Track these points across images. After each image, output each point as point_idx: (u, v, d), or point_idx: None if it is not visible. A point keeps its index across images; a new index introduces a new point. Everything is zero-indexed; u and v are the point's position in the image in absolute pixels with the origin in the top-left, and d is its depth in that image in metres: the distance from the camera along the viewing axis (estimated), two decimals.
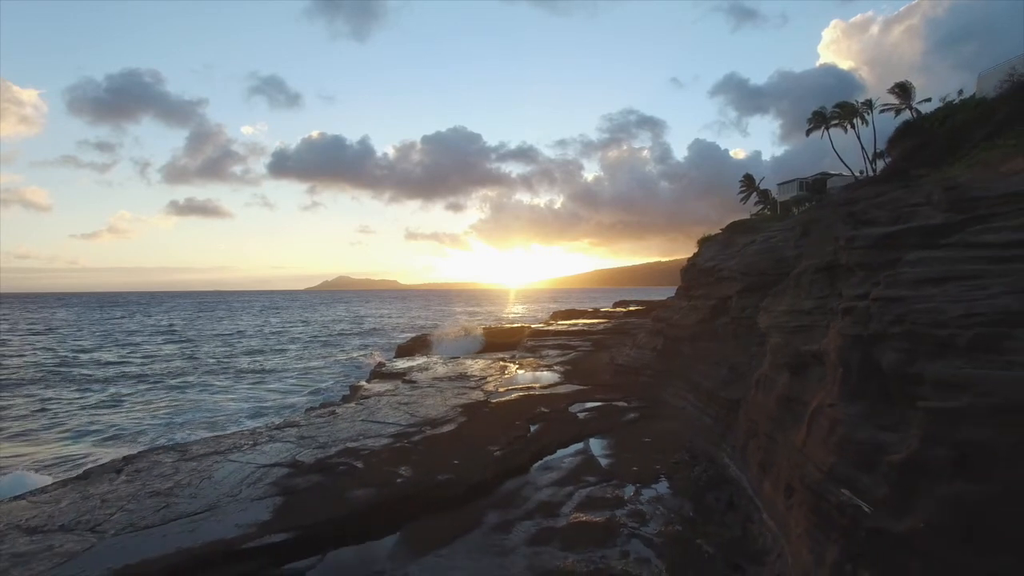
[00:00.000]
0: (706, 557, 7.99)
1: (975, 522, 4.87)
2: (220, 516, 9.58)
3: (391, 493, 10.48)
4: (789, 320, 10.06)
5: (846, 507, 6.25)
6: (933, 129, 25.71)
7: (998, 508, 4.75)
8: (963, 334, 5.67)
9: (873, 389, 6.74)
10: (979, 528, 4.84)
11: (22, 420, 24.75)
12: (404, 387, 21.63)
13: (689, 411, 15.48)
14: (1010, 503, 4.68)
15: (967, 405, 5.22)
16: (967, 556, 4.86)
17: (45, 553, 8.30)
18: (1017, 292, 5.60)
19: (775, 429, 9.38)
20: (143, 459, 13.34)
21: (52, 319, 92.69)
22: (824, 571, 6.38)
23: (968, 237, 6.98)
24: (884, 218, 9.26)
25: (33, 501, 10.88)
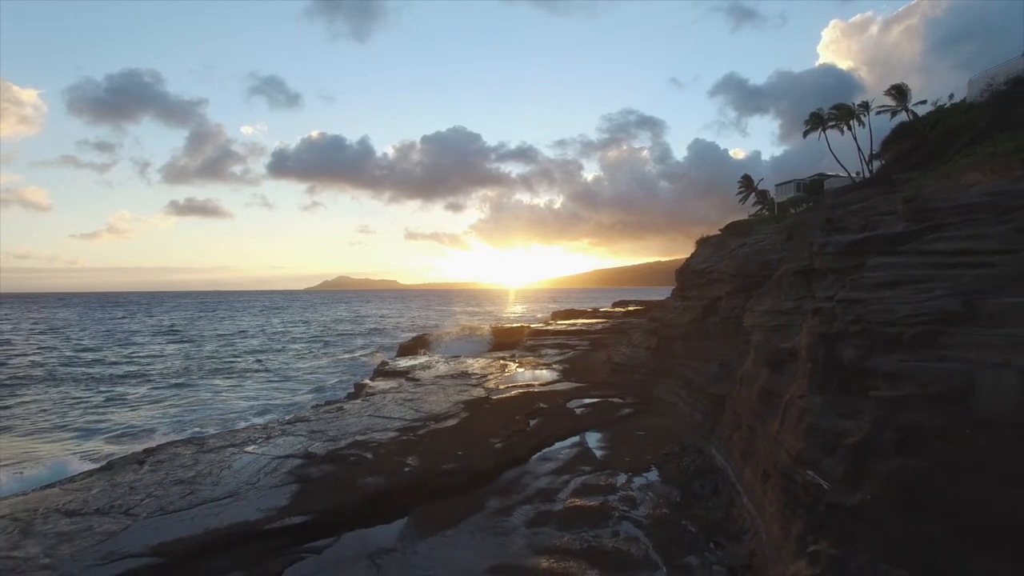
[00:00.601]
0: (690, 536, 8.77)
1: (912, 493, 5.65)
2: (242, 501, 10.34)
3: (399, 481, 11.27)
4: (769, 320, 10.84)
5: (810, 486, 7.03)
6: (925, 132, 26.47)
7: (931, 481, 5.53)
8: (908, 332, 6.45)
9: (836, 382, 7.51)
10: (915, 498, 5.62)
11: (31, 419, 25.15)
12: (408, 385, 22.40)
13: (681, 407, 16.25)
14: (940, 476, 5.46)
15: (908, 394, 6.01)
16: (906, 523, 5.64)
17: (86, 532, 9.06)
18: (955, 294, 6.38)
19: (756, 421, 10.15)
20: (163, 451, 14.10)
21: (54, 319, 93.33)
22: (791, 544, 7.16)
23: (922, 245, 7.77)
24: (855, 225, 10.05)
25: (65, 488, 11.64)
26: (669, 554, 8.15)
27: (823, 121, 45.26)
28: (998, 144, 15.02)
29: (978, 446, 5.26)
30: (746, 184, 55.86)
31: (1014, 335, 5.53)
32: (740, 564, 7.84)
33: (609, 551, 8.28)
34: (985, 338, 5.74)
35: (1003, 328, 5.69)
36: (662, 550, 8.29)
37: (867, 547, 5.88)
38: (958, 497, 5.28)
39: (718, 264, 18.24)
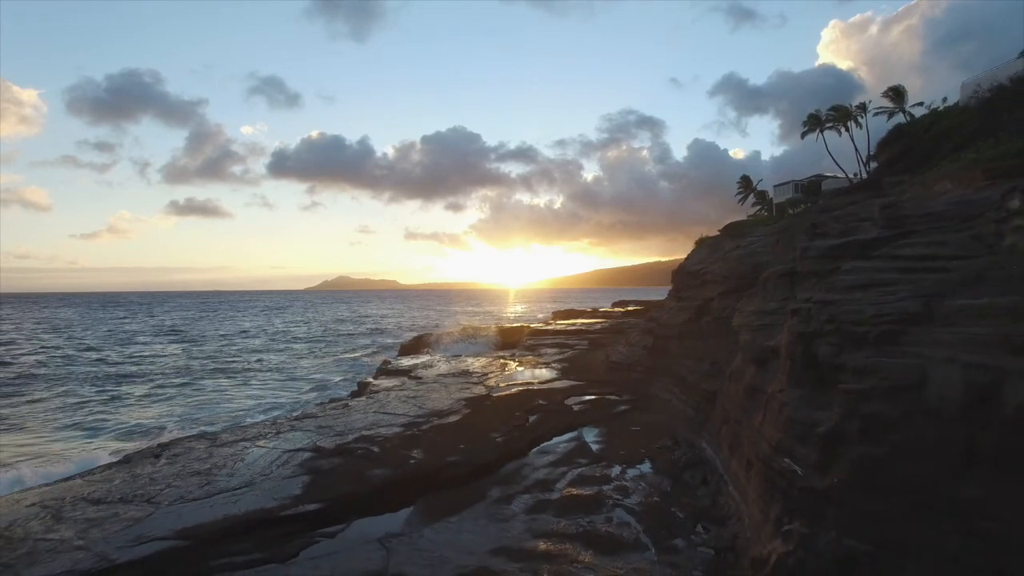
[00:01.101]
0: (678, 521, 9.39)
1: (873, 476, 6.27)
2: (257, 491, 10.96)
3: (405, 473, 11.89)
4: (755, 320, 11.46)
5: (786, 472, 7.65)
6: (919, 135, 27.07)
7: (889, 465, 6.16)
8: (874, 330, 7.08)
9: (812, 377, 8.13)
10: (875, 480, 6.24)
11: (40, 417, 25.50)
12: (411, 383, 23.01)
13: (675, 403, 16.87)
14: (896, 460, 6.08)
15: (871, 387, 6.64)
16: (867, 502, 6.26)
17: (113, 518, 9.67)
18: (916, 297, 7.00)
19: (742, 415, 10.77)
20: (178, 445, 14.71)
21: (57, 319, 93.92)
22: (769, 525, 7.78)
23: (892, 250, 8.39)
24: (836, 231, 10.67)
25: (87, 480, 12.26)
26: (658, 537, 8.77)
27: (821, 122, 45.82)
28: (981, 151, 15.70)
29: (928, 434, 5.88)
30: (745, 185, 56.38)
31: (963, 333, 6.14)
32: (724, 546, 8.45)
33: (602, 535, 8.90)
34: (939, 336, 6.36)
35: (955, 327, 6.30)
36: (652, 534, 8.91)
37: (834, 525, 6.51)
38: (911, 479, 5.90)
39: (712, 266, 18.86)
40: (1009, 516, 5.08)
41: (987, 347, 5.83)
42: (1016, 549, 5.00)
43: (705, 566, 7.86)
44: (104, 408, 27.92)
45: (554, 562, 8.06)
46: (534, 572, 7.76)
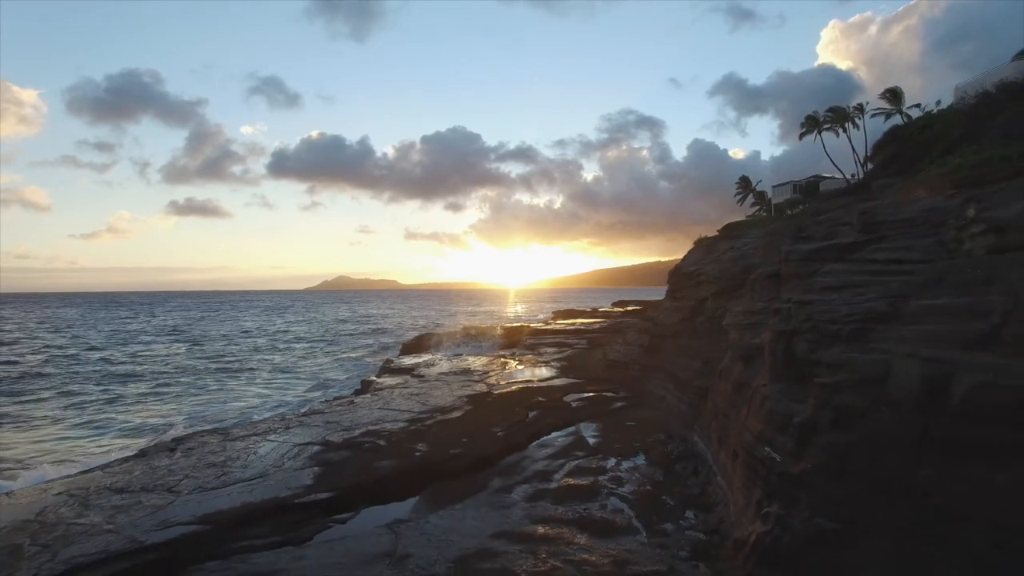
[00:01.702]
0: (668, 508, 10.00)
1: (842, 461, 6.89)
2: (271, 481, 11.58)
3: (411, 464, 12.51)
4: (743, 319, 12.07)
5: (766, 460, 8.26)
6: (913, 138, 27.66)
7: (856, 451, 6.77)
8: (845, 328, 7.70)
9: (791, 372, 8.74)
10: (844, 465, 6.85)
11: (49, 415, 25.77)
12: (413, 381, 23.64)
13: (669, 400, 17.48)
14: (863, 447, 6.70)
15: (842, 380, 7.26)
16: (835, 485, 6.88)
17: (137, 506, 10.29)
18: (884, 297, 7.62)
19: (730, 409, 11.39)
20: (191, 440, 15.33)
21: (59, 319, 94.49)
22: (751, 509, 8.40)
23: (866, 254, 9.01)
24: (819, 235, 11.29)
25: (108, 472, 12.88)
26: (649, 522, 9.38)
27: (818, 124, 46.41)
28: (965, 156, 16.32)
29: (889, 422, 6.49)
30: (744, 185, 56.92)
31: (923, 331, 6.75)
32: (710, 529, 9.07)
33: (597, 520, 9.51)
34: (902, 334, 6.97)
35: (916, 325, 6.91)
36: (643, 519, 9.52)
37: (807, 506, 7.11)
38: (873, 463, 6.51)
39: (706, 267, 19.48)
40: (954, 493, 5.69)
41: (942, 343, 6.44)
42: (959, 521, 5.60)
43: (692, 548, 8.46)
44: (111, 407, 28.27)
45: (551, 544, 8.67)
46: (533, 553, 8.37)
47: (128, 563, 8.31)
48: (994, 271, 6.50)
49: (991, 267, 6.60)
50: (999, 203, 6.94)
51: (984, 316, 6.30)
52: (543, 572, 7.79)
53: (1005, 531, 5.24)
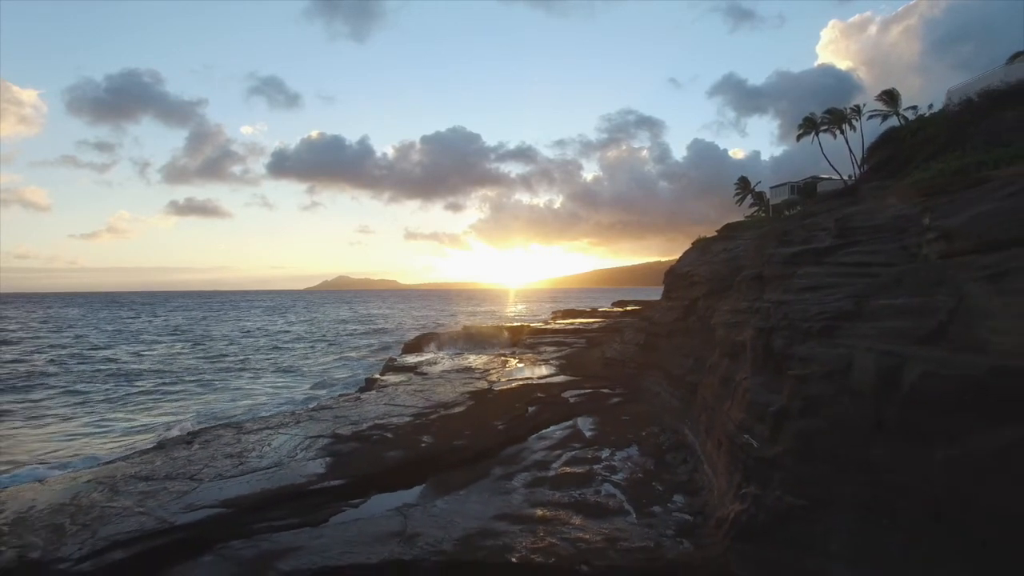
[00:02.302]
0: (657, 492, 10.77)
1: (809, 445, 7.65)
2: (286, 470, 12.34)
3: (417, 454, 13.28)
4: (730, 318, 12.83)
5: (745, 446, 9.02)
6: (907, 140, 28.41)
7: (822, 435, 7.53)
8: (816, 325, 8.46)
9: (769, 366, 9.51)
10: (811, 448, 7.61)
11: (59, 413, 26.20)
12: (416, 378, 24.40)
13: (663, 395, 18.23)
14: (827, 432, 7.45)
15: (811, 372, 8.02)
16: (804, 466, 7.63)
17: (163, 491, 11.05)
18: (850, 297, 8.37)
19: (716, 402, 12.14)
20: (207, 433, 16.09)
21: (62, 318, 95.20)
22: (731, 491, 9.16)
23: (839, 257, 9.77)
24: (799, 239, 12.04)
25: (130, 463, 13.61)
26: (639, 505, 10.15)
27: (816, 125, 47.13)
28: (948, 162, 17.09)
29: (850, 409, 7.24)
30: (743, 186, 57.57)
31: (882, 327, 7.51)
32: (695, 511, 9.83)
33: (591, 503, 10.28)
34: (864, 330, 7.73)
35: (876, 322, 7.67)
36: (634, 503, 10.28)
37: (778, 486, 7.87)
38: (836, 446, 7.27)
39: (699, 268, 20.24)
40: (905, 470, 6.45)
41: (897, 338, 7.20)
42: (909, 495, 6.36)
43: (677, 527, 9.23)
44: (119, 405, 28.64)
45: (549, 525, 9.43)
46: (532, 532, 9.13)
47: (161, 541, 9.06)
48: (943, 274, 7.26)
49: (941, 270, 7.35)
50: (949, 213, 7.70)
51: (933, 314, 7.06)
52: (541, 548, 8.54)
53: (942, 502, 6.00)
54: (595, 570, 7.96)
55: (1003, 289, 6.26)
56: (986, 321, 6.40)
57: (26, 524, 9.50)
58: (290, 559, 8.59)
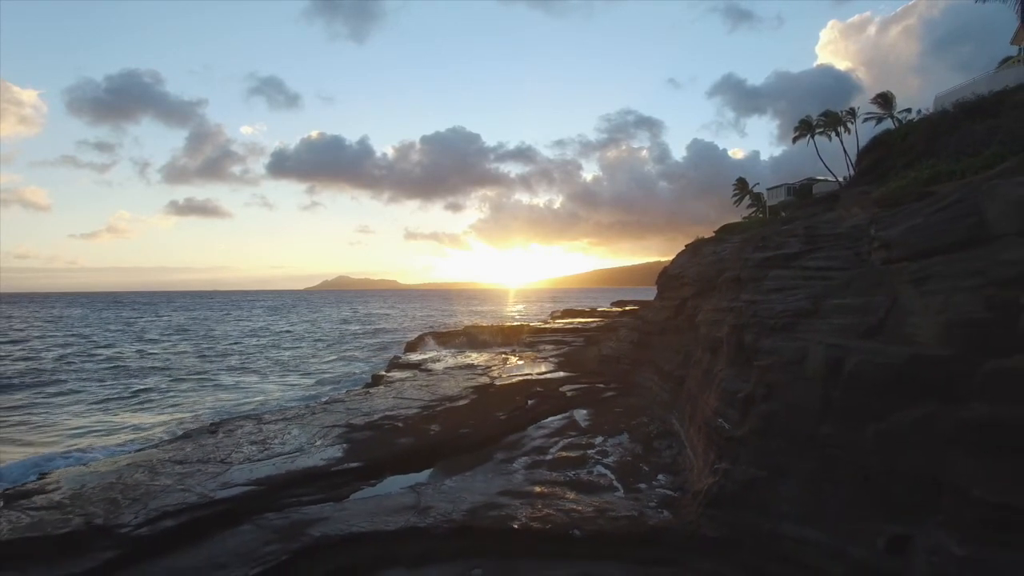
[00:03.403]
0: (644, 472, 11.99)
1: (770, 424, 8.87)
2: (308, 454, 13.57)
3: (426, 441, 14.51)
4: (712, 316, 14.05)
5: (719, 429, 10.24)
6: (895, 145, 29.59)
7: (780, 416, 8.74)
8: (779, 322, 9.68)
9: (741, 358, 10.72)
10: (772, 427, 8.83)
11: (70, 411, 26.75)
12: (421, 375, 25.62)
13: (654, 389, 19.44)
14: (785, 413, 8.67)
15: (773, 362, 9.24)
16: (765, 443, 8.86)
17: (198, 472, 12.26)
18: (809, 298, 9.60)
19: (699, 392, 13.36)
20: (229, 424, 17.31)
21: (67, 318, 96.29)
22: (706, 469, 10.37)
23: (804, 262, 11.00)
24: (774, 244, 13.27)
25: (162, 450, 14.84)
26: (627, 483, 11.37)
27: (811, 128, 48.38)
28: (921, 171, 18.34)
29: (804, 393, 8.46)
30: (741, 187, 58.76)
31: (832, 324, 8.73)
32: (676, 487, 11.05)
33: (584, 482, 11.50)
34: (818, 326, 8.95)
35: (828, 319, 8.90)
36: (622, 481, 11.51)
37: (744, 461, 9.10)
38: (791, 425, 8.49)
39: (688, 270, 21.46)
40: (843, 443, 7.66)
41: (843, 333, 8.42)
42: (846, 464, 7.58)
43: (659, 500, 10.44)
44: (132, 402, 29.23)
45: (546, 499, 10.64)
46: (531, 505, 10.34)
47: (203, 512, 10.27)
48: (883, 278, 8.48)
49: (882, 275, 8.57)
50: (889, 225, 8.92)
51: (874, 312, 8.28)
52: (539, 517, 9.77)
53: (870, 468, 7.23)
54: (586, 534, 9.18)
55: (924, 291, 7.48)
56: (912, 318, 7.62)
57: (83, 498, 10.71)
58: (319, 527, 9.80)
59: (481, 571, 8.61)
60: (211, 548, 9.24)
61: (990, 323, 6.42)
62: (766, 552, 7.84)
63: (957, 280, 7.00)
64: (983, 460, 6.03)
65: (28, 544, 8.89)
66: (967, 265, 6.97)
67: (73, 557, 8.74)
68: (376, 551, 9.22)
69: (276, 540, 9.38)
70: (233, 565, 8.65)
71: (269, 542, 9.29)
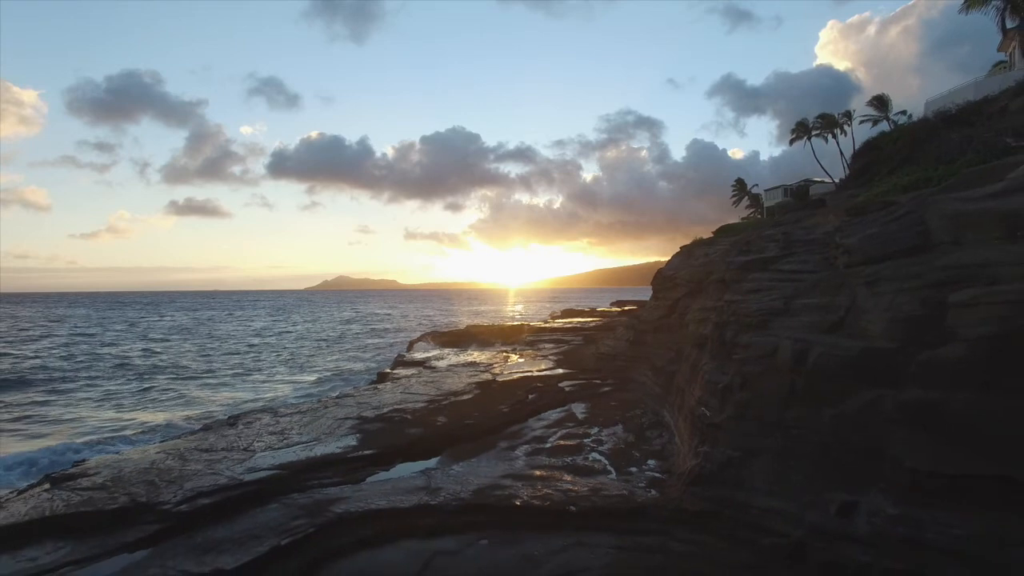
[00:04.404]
0: (635, 458, 13.07)
1: (744, 410, 9.94)
2: (325, 443, 14.62)
3: (434, 431, 15.58)
4: (700, 315, 15.13)
5: (701, 416, 11.32)
6: (887, 148, 30.63)
7: (753, 403, 9.82)
8: (755, 320, 10.77)
9: (722, 352, 11.80)
10: (745, 412, 9.90)
11: (81, 408, 27.53)
12: (426, 372, 26.69)
13: (648, 384, 20.51)
14: (758, 399, 9.75)
15: (749, 356, 10.33)
16: (740, 427, 9.93)
17: (225, 459, 13.32)
18: (781, 298, 10.68)
19: (687, 385, 14.44)
20: (247, 417, 18.35)
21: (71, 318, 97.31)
22: (691, 452, 11.44)
23: (780, 265, 12.07)
24: (756, 249, 14.35)
25: (188, 441, 15.86)
26: (619, 467, 12.44)
27: (808, 130, 49.40)
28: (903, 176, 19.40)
29: (774, 382, 9.54)
30: (739, 188, 59.73)
31: (800, 321, 9.82)
32: (664, 471, 12.12)
33: (580, 466, 12.57)
34: (788, 323, 10.03)
35: (796, 317, 9.98)
36: (615, 466, 12.58)
37: (721, 443, 10.16)
38: (763, 411, 9.57)
39: (681, 271, 22.54)
40: (806, 425, 8.74)
41: (809, 329, 9.51)
42: (808, 443, 8.65)
43: (648, 481, 11.52)
44: (143, 399, 30.11)
45: (545, 481, 11.71)
46: (531, 486, 11.40)
47: (235, 492, 11.31)
48: (844, 280, 9.57)
49: (843, 278, 9.66)
50: (851, 233, 10.00)
51: (836, 311, 9.38)
52: (539, 495, 10.83)
53: (829, 445, 8.30)
54: (581, 510, 10.24)
55: (876, 292, 8.56)
56: (866, 315, 8.71)
57: (124, 481, 11.76)
58: (340, 505, 10.85)
59: (487, 541, 9.65)
60: (244, 522, 10.29)
61: (924, 319, 7.50)
62: (738, 521, 8.89)
63: (901, 282, 8.09)
64: (916, 436, 7.12)
65: (84, 517, 9.96)
66: (909, 269, 8.06)
67: (124, 528, 9.81)
68: (393, 525, 10.26)
69: (302, 515, 10.43)
70: (266, 536, 9.70)
71: (296, 517, 10.35)
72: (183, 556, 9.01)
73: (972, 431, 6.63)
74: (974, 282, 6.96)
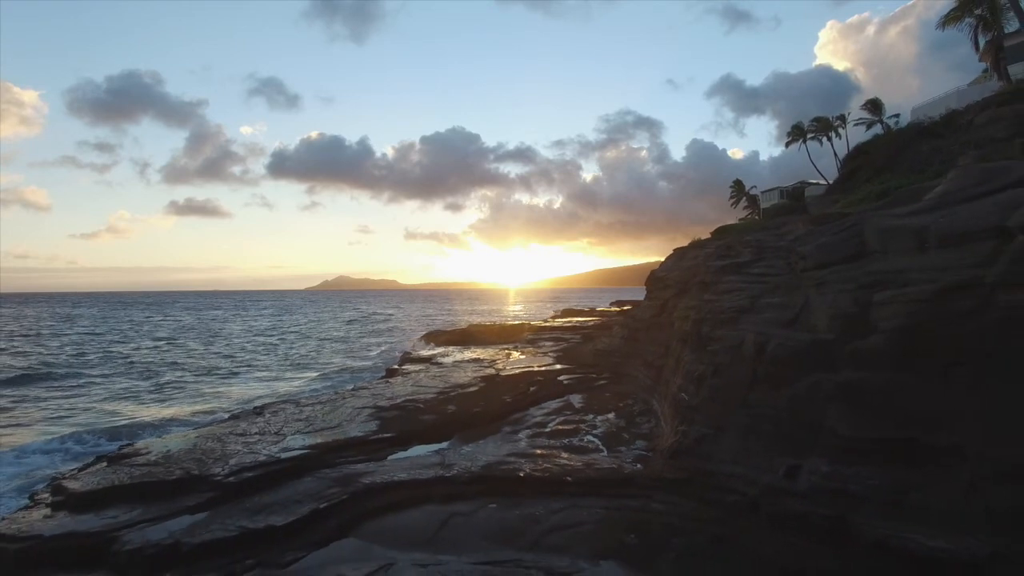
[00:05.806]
0: (625, 440, 14.72)
1: (717, 394, 11.59)
2: (347, 428, 16.27)
3: (445, 418, 17.23)
4: (684, 313, 16.77)
5: (681, 400, 12.97)
6: (874, 153, 32.24)
7: (722, 387, 11.47)
8: (726, 316, 12.42)
9: (699, 345, 13.45)
10: (718, 397, 11.55)
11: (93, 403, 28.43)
12: (433, 367, 28.34)
13: (640, 378, 22.14)
14: (730, 386, 11.38)
15: (719, 347, 11.98)
16: (711, 408, 11.58)
17: (260, 442, 14.95)
18: (749, 297, 12.32)
19: (671, 375, 16.10)
20: (272, 407, 19.99)
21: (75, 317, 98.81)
22: (672, 431, 13.09)
23: (751, 269, 13.72)
24: (733, 254, 16.00)
25: (222, 427, 17.49)
26: (610, 447, 14.08)
27: (803, 133, 51.12)
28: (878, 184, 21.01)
29: (741, 369, 11.18)
30: (738, 189, 61.32)
31: (762, 317, 11.46)
32: (649, 450, 13.77)
33: (576, 446, 14.22)
34: (753, 320, 11.68)
35: (760, 314, 11.63)
36: (607, 446, 14.23)
37: (697, 422, 11.81)
38: (730, 393, 11.20)
39: (672, 272, 24.19)
40: (766, 404, 10.37)
41: (769, 324, 11.15)
42: (768, 419, 10.29)
43: (634, 458, 13.16)
44: (159, 395, 31.03)
45: (545, 458, 13.33)
46: (532, 462, 13.02)
47: (274, 467, 12.95)
48: (800, 283, 11.21)
49: (800, 280, 11.31)
50: (807, 241, 11.66)
51: (792, 309, 11.03)
52: (539, 469, 12.47)
53: (782, 420, 9.94)
54: (576, 479, 11.88)
55: (821, 292, 10.21)
56: (814, 312, 10.36)
57: (174, 459, 13.40)
58: (367, 477, 12.50)
59: (496, 505, 11.30)
60: (285, 491, 11.93)
61: (856, 315, 9.15)
62: (708, 485, 10.52)
63: (840, 285, 9.74)
64: (847, 408, 8.77)
65: (149, 487, 11.61)
66: (847, 274, 9.71)
67: (183, 495, 11.44)
68: (414, 493, 11.90)
69: (335, 486, 12.07)
70: (306, 501, 11.34)
71: (330, 487, 12.00)
72: (238, 516, 10.65)
73: (888, 404, 8.28)
74: (892, 285, 8.60)
